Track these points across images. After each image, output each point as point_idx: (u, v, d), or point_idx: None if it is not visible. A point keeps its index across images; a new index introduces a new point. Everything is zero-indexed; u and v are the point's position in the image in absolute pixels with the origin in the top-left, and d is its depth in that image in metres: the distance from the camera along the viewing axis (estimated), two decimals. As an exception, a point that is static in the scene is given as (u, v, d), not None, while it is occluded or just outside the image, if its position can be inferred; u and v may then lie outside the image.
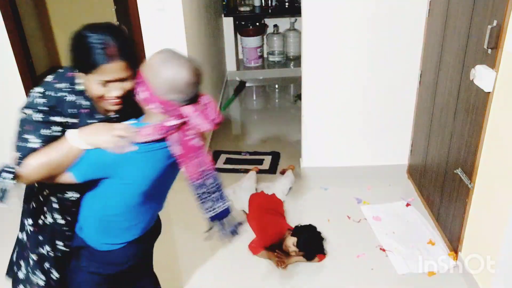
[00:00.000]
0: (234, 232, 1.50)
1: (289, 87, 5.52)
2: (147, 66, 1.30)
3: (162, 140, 1.32)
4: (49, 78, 1.42)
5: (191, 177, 1.40)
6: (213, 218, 1.48)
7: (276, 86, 5.62)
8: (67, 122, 1.37)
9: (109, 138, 1.28)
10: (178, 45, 2.93)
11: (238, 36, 5.82)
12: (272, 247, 2.58)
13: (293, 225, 2.71)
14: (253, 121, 4.67)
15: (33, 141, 1.33)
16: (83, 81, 1.36)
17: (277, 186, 3.11)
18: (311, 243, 2.51)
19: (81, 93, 1.40)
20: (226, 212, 1.49)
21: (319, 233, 2.59)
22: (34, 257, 1.57)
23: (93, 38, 1.27)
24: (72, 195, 1.49)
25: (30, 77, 3.12)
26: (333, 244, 2.61)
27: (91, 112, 1.42)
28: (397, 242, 2.63)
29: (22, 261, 1.62)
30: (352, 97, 3.07)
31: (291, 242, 2.51)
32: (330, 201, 3.08)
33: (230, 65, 5.74)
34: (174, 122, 1.29)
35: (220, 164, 3.63)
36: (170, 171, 1.44)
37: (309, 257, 2.50)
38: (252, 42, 5.73)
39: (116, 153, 1.28)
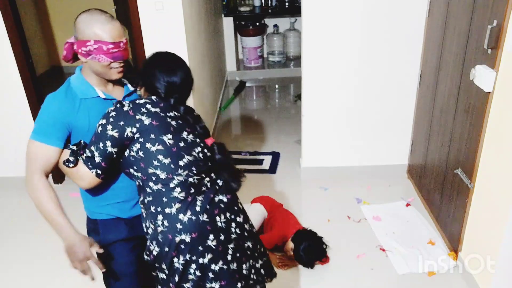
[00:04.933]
0: None
1: (289, 87, 5.52)
2: None
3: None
4: None
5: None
6: None
7: (276, 86, 5.62)
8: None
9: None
10: (178, 45, 2.93)
11: (238, 36, 5.82)
12: (276, 247, 2.58)
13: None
14: (253, 121, 4.67)
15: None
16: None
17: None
18: (307, 255, 2.45)
19: None
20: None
21: (321, 242, 2.51)
22: None
23: None
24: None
25: (30, 77, 3.12)
26: (333, 244, 2.61)
27: None
28: (397, 242, 2.63)
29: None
30: (352, 97, 3.07)
31: (289, 246, 2.50)
32: (330, 201, 3.08)
33: (230, 65, 5.74)
34: None
35: (220, 164, 3.62)
36: None
37: (305, 265, 2.48)
38: (252, 42, 5.73)
39: None
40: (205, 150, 1.53)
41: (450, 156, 2.50)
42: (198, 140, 1.52)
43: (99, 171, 1.44)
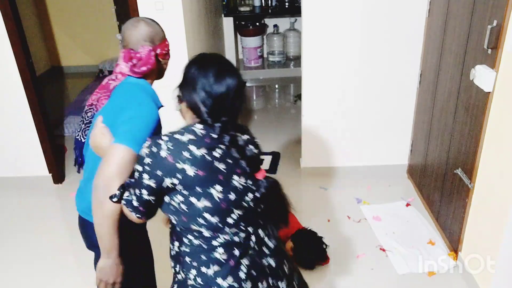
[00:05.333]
0: None
1: (289, 87, 5.52)
2: None
3: None
4: None
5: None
6: None
7: (276, 86, 5.62)
8: None
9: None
10: (178, 45, 2.93)
11: (238, 36, 5.82)
12: None
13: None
14: (253, 121, 4.67)
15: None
16: None
17: None
18: (307, 255, 2.44)
19: None
20: None
21: (321, 242, 2.50)
22: None
23: None
24: None
25: (30, 77, 3.12)
26: (333, 244, 2.61)
27: None
28: (397, 242, 2.63)
29: None
30: (352, 97, 3.07)
31: (289, 246, 2.49)
32: (330, 201, 3.08)
33: (230, 65, 5.73)
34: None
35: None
36: None
37: (305, 266, 2.47)
38: (252, 42, 5.73)
39: None
40: (257, 194, 1.32)
41: (450, 156, 2.50)
42: (250, 182, 1.30)
43: (138, 215, 1.27)
